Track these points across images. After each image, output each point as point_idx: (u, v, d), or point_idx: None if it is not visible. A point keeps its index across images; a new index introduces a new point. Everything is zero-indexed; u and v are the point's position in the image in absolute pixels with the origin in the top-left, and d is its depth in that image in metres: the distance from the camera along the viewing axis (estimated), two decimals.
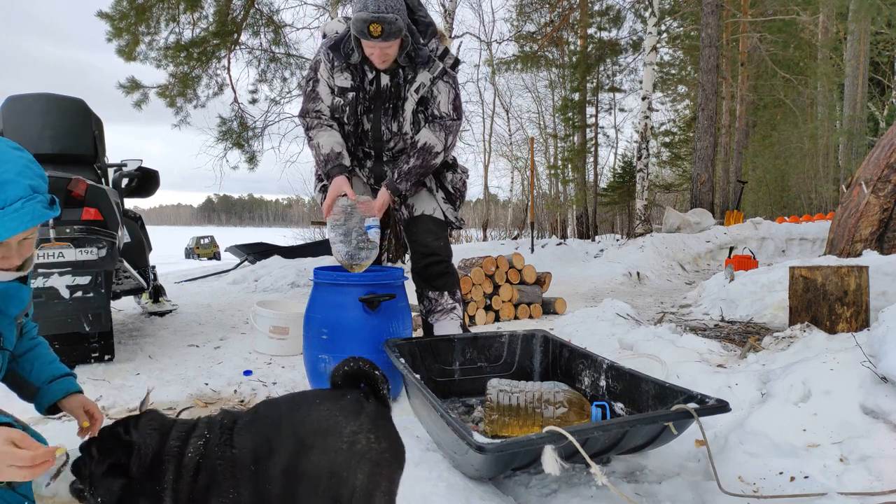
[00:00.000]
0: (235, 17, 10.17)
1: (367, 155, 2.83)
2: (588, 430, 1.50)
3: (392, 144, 2.76)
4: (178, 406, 2.57)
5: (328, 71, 2.66)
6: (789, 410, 1.94)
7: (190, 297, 6.17)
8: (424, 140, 2.66)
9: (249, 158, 11.23)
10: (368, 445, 1.20)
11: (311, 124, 2.69)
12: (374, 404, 1.27)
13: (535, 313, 4.91)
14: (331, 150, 2.62)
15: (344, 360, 1.32)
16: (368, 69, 2.61)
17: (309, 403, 1.28)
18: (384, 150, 2.78)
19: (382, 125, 2.70)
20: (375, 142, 2.76)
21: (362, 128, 2.74)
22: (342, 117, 2.70)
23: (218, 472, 1.22)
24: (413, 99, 2.66)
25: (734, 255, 6.91)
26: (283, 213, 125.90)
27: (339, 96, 2.67)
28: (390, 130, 2.71)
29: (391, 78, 2.63)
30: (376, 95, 2.67)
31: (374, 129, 2.72)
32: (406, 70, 2.62)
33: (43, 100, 3.65)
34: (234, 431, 1.26)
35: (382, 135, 2.73)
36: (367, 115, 2.71)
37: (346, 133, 2.75)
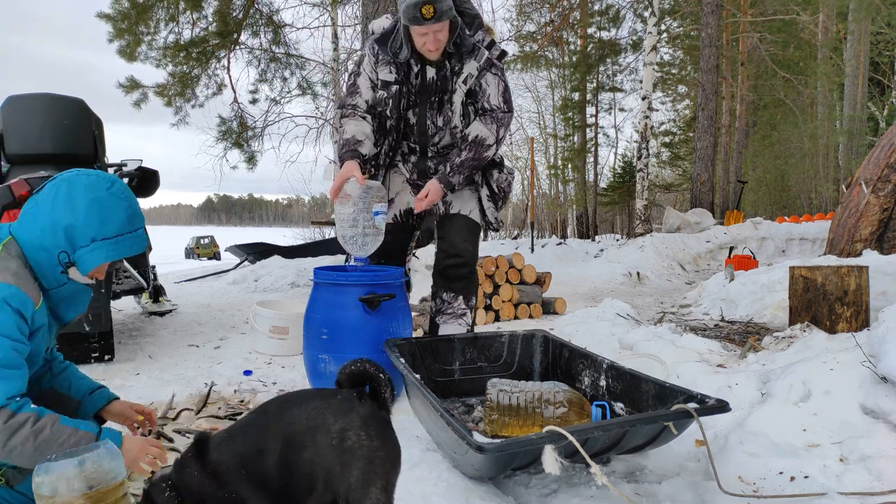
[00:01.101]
0: (235, 17, 10.17)
1: (411, 150, 2.81)
2: (588, 430, 1.50)
3: (437, 139, 2.74)
4: (178, 406, 2.57)
5: (371, 65, 2.65)
6: (789, 410, 1.94)
7: (190, 297, 6.17)
8: (476, 133, 2.63)
9: (248, 158, 11.23)
10: (359, 443, 1.20)
11: (345, 114, 2.67)
12: (369, 405, 1.26)
13: (535, 313, 4.91)
14: (352, 136, 2.57)
15: (350, 361, 1.32)
16: (414, 63, 2.60)
17: (298, 403, 1.29)
18: (429, 145, 2.76)
19: (428, 119, 2.69)
20: (420, 136, 2.73)
21: (407, 122, 2.73)
22: (385, 110, 2.68)
23: (204, 489, 1.24)
24: (461, 90, 2.64)
25: (734, 255, 6.92)
26: (283, 213, 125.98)
27: (382, 89, 2.66)
28: (435, 125, 2.70)
29: (437, 71, 2.61)
30: (422, 89, 2.66)
31: (420, 124, 2.71)
32: (453, 61, 2.60)
33: (43, 100, 3.65)
34: (209, 450, 1.28)
35: (428, 129, 2.71)
36: (413, 110, 2.70)
37: (389, 127, 2.72)
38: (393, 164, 2.86)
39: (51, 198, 1.46)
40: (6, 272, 1.37)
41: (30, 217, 1.47)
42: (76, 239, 1.44)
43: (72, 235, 1.44)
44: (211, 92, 10.45)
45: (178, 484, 1.27)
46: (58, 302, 1.53)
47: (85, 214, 1.44)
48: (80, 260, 1.45)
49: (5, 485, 1.48)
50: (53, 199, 1.45)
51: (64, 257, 1.44)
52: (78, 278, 1.50)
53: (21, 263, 1.42)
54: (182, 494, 1.26)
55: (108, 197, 1.47)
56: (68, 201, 1.44)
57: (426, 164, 2.80)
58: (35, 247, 1.44)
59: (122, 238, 1.49)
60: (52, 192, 1.46)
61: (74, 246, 1.44)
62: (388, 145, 2.78)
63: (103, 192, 1.47)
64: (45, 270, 1.46)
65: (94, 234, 1.45)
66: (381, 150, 2.78)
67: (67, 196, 1.45)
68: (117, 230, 1.47)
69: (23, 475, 1.48)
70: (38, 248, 1.44)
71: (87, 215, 1.44)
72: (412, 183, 2.86)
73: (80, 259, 1.45)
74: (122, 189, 1.51)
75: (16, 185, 3.10)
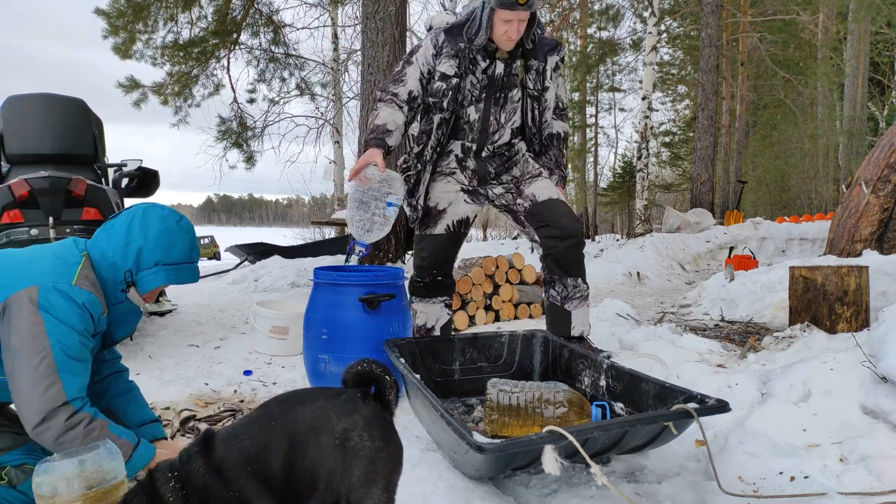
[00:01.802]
0: (235, 17, 10.16)
1: (466, 151, 2.69)
2: (588, 430, 1.50)
3: (496, 137, 2.66)
4: (178, 406, 2.57)
5: (430, 57, 2.58)
6: (789, 410, 1.94)
7: (190, 297, 6.17)
8: (564, 130, 2.74)
9: (247, 158, 11.23)
10: (362, 443, 1.20)
11: (383, 98, 2.61)
12: (372, 406, 1.27)
13: (535, 313, 4.90)
14: (383, 124, 2.50)
15: (357, 361, 1.32)
16: (481, 58, 2.54)
17: (303, 402, 1.29)
18: (487, 143, 2.67)
19: (492, 116, 2.62)
20: (480, 133, 2.65)
21: (464, 119, 2.64)
22: (442, 102, 2.59)
23: (209, 486, 1.24)
24: (534, 86, 2.63)
25: (734, 255, 6.91)
26: (283, 213, 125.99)
27: (440, 81, 2.57)
28: (498, 121, 2.64)
29: (504, 67, 2.57)
30: (489, 84, 2.59)
31: (483, 120, 2.63)
32: (525, 57, 2.58)
33: (43, 100, 3.65)
34: (214, 445, 1.28)
35: (489, 126, 2.64)
36: (476, 105, 2.61)
37: (439, 122, 2.63)
38: (442, 172, 2.75)
39: (127, 221, 1.60)
40: (87, 281, 1.51)
41: (104, 236, 1.60)
42: (142, 261, 1.58)
43: (139, 257, 1.58)
44: (208, 92, 10.45)
45: (182, 477, 1.27)
46: (112, 319, 1.64)
47: (155, 240, 1.59)
48: (141, 280, 1.59)
49: (7, 484, 1.49)
50: (129, 223, 1.59)
51: (128, 276, 1.58)
52: (134, 298, 1.62)
53: (94, 278, 1.56)
54: (186, 488, 1.26)
55: (177, 228, 1.63)
56: (142, 227, 1.59)
57: (486, 168, 2.70)
58: (105, 264, 1.57)
59: (182, 267, 1.63)
60: (128, 217, 1.61)
61: (140, 267, 1.58)
62: (437, 141, 2.67)
63: (173, 224, 1.63)
64: (108, 287, 1.58)
65: (158, 259, 1.59)
66: (427, 146, 2.67)
67: (142, 222, 1.59)
68: (179, 258, 1.62)
69: (25, 474, 1.48)
70: (108, 265, 1.57)
71: (156, 241, 1.59)
72: (469, 190, 2.75)
73: (141, 280, 1.59)
74: (189, 225, 1.68)
75: (16, 185, 3.11)
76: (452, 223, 2.78)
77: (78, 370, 1.45)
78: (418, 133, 2.73)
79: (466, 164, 2.71)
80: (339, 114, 14.06)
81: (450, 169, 2.73)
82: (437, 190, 2.75)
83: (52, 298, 1.42)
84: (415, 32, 14.90)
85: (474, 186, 2.73)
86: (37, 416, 1.39)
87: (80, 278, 1.49)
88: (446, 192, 2.75)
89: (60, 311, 1.42)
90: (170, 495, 1.25)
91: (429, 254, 2.78)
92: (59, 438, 1.40)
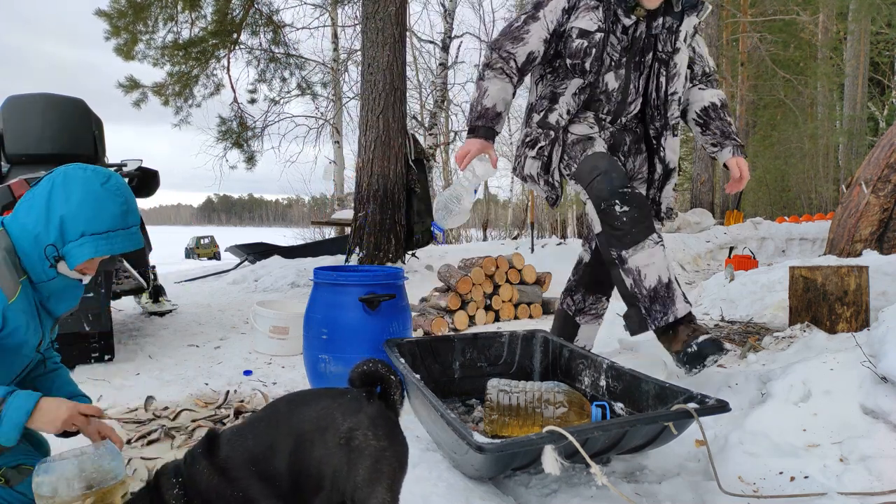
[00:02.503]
0: (234, 17, 10.17)
1: (600, 123, 2.35)
2: (588, 430, 1.50)
3: (633, 108, 2.33)
4: (179, 406, 2.57)
5: (561, 12, 2.22)
6: (789, 410, 1.94)
7: (190, 297, 6.17)
8: (718, 98, 2.39)
9: (248, 158, 11.24)
10: (366, 442, 1.20)
11: (493, 63, 2.24)
12: (377, 405, 1.27)
13: (535, 313, 4.90)
14: (492, 105, 2.21)
15: (363, 360, 1.32)
16: (623, 14, 2.17)
17: (307, 402, 1.29)
18: (623, 113, 2.33)
19: (631, 84, 2.27)
20: (618, 105, 2.30)
21: (603, 88, 2.28)
22: (583, 63, 2.23)
23: (213, 487, 1.24)
24: (685, 50, 2.31)
25: (734, 255, 6.91)
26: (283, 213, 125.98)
27: (580, 38, 2.20)
28: (637, 90, 2.29)
29: (646, 27, 2.21)
30: (630, 47, 2.23)
31: (623, 89, 2.27)
32: (666, 17, 2.22)
33: (43, 100, 3.65)
34: (219, 446, 1.28)
35: (629, 95, 2.29)
36: (617, 72, 2.25)
37: (578, 89, 2.28)
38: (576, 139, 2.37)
39: (46, 190, 1.44)
40: None
41: (24, 209, 1.45)
42: (66, 233, 1.42)
43: (63, 229, 1.41)
44: (208, 92, 10.46)
45: (186, 481, 1.27)
46: (48, 295, 1.51)
47: (77, 207, 1.41)
48: (68, 254, 1.43)
49: (5, 484, 1.48)
50: (49, 192, 1.43)
51: (51, 251, 1.42)
52: (67, 272, 1.47)
53: (3, 256, 1.40)
54: (189, 493, 1.26)
55: (103, 191, 1.44)
56: (63, 194, 1.42)
57: (622, 139, 2.37)
58: (26, 239, 1.42)
59: (114, 234, 1.45)
60: (47, 185, 1.44)
61: (64, 240, 1.42)
62: (567, 110, 2.31)
63: (98, 187, 1.44)
64: (34, 263, 1.44)
65: (84, 229, 1.42)
66: (556, 114, 2.31)
67: (62, 189, 1.43)
68: (109, 226, 1.44)
69: (22, 475, 1.48)
70: (30, 240, 1.42)
71: (79, 208, 1.41)
72: None
73: (68, 253, 1.43)
74: (119, 185, 1.49)
75: (16, 185, 3.10)
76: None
77: None
78: (537, 98, 2.39)
79: (601, 134, 2.37)
80: (339, 114, 14.07)
81: (583, 136, 2.38)
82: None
83: None
84: (414, 32, 14.91)
85: None
86: None
87: None
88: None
89: None
90: (173, 502, 1.25)
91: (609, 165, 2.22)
92: None
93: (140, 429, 2.30)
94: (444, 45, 13.48)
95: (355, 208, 6.40)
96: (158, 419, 2.42)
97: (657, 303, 2.16)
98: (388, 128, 6.17)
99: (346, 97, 13.84)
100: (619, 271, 2.18)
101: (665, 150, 2.41)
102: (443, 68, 13.55)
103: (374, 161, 6.16)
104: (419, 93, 18.30)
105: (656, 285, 2.16)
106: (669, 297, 2.15)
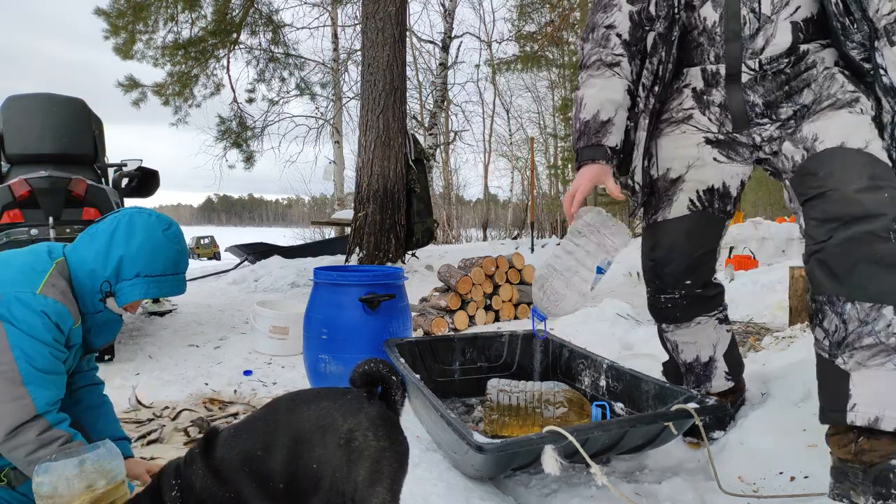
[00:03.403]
0: (234, 17, 10.17)
1: (710, 80, 1.65)
2: (588, 429, 1.50)
3: (761, 43, 1.55)
4: (178, 406, 2.57)
5: None
6: (789, 410, 1.94)
7: (190, 297, 6.16)
8: None
9: (247, 158, 11.25)
10: (366, 443, 1.20)
11: (587, 60, 1.71)
12: (378, 406, 1.27)
13: None
14: (595, 115, 1.65)
15: (364, 360, 1.32)
16: None
17: (307, 402, 1.29)
18: (744, 57, 1.57)
19: (743, 6, 1.54)
20: (729, 43, 1.58)
21: (698, 25, 1.62)
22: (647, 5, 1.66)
23: (206, 488, 1.24)
24: None
25: (734, 255, 6.92)
26: (283, 213, 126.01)
27: None
28: (757, 15, 1.54)
29: None
30: None
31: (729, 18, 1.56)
32: None
33: (43, 100, 3.65)
34: (215, 446, 1.28)
35: (743, 26, 1.55)
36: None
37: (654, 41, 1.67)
38: (670, 120, 1.75)
39: (110, 228, 1.52)
40: (55, 290, 1.43)
41: (86, 241, 1.54)
42: (123, 271, 1.50)
43: (120, 267, 1.50)
44: (209, 92, 10.47)
45: (183, 483, 1.27)
46: (91, 327, 1.58)
47: (137, 249, 1.50)
48: (120, 291, 1.51)
49: (7, 486, 1.49)
50: (112, 231, 1.52)
51: (106, 286, 1.50)
52: (114, 308, 1.55)
53: (68, 285, 1.48)
54: (185, 494, 1.26)
55: (163, 238, 1.54)
56: (126, 235, 1.51)
57: (744, 99, 1.61)
58: (83, 271, 1.50)
59: (165, 279, 1.54)
60: (112, 224, 1.53)
61: (119, 277, 1.50)
62: (654, 75, 1.68)
63: (159, 233, 1.54)
64: (85, 295, 1.51)
65: (139, 270, 1.51)
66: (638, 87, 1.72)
67: (126, 230, 1.51)
68: (162, 270, 1.53)
69: (24, 476, 1.48)
70: (87, 272, 1.50)
71: (139, 251, 1.50)
72: (720, 140, 1.71)
73: (120, 290, 1.51)
74: (177, 233, 1.58)
75: (16, 185, 3.11)
76: (699, 195, 1.75)
77: (48, 383, 1.38)
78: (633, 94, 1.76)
79: (711, 97, 1.67)
80: (338, 114, 14.07)
81: (683, 112, 1.73)
82: (664, 150, 1.77)
83: (14, 308, 1.36)
84: (414, 32, 14.92)
85: (727, 133, 1.70)
86: (3, 431, 1.33)
87: (46, 286, 1.41)
88: (681, 148, 1.75)
89: (23, 322, 1.35)
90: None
91: (666, 252, 1.76)
92: (30, 455, 1.34)
93: (140, 429, 2.30)
94: (444, 45, 13.48)
95: (355, 208, 6.40)
96: (158, 419, 2.42)
97: (691, 374, 1.96)
98: (388, 128, 6.17)
99: (346, 97, 13.85)
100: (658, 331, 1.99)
101: (890, 69, 1.48)
102: (443, 68, 13.55)
103: (374, 161, 6.16)
104: (419, 93, 18.32)
105: (692, 362, 1.92)
106: (706, 374, 1.93)
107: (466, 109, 27.20)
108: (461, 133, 19.49)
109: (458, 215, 25.31)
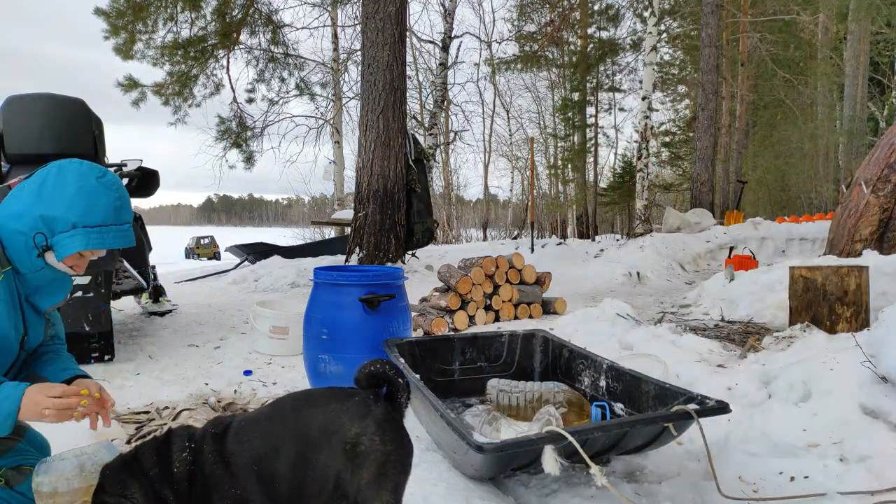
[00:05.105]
0: (234, 17, 10.17)
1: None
2: (588, 430, 1.50)
3: None
4: (178, 406, 2.57)
5: None
6: (789, 410, 1.94)
7: (190, 297, 6.17)
8: None
9: (247, 158, 11.25)
10: (373, 447, 1.20)
11: None
12: (384, 408, 1.26)
13: (535, 313, 4.90)
14: None
15: (369, 361, 1.31)
16: None
17: (315, 404, 1.28)
18: None
19: None
20: None
21: None
22: None
23: (215, 476, 1.23)
24: None
25: (734, 255, 6.92)
26: (283, 213, 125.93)
27: None
28: None
29: None
30: None
31: None
32: None
33: (43, 100, 3.65)
34: (227, 436, 1.27)
35: None
36: None
37: None
38: None
39: (39, 181, 1.42)
40: None
41: (14, 198, 1.43)
42: (57, 223, 1.39)
43: (53, 219, 1.39)
44: (208, 91, 10.47)
45: (196, 451, 1.26)
46: (35, 288, 1.48)
47: (70, 199, 1.39)
48: (58, 244, 1.40)
49: (5, 485, 1.48)
50: (41, 183, 1.41)
51: (40, 239, 1.39)
52: (54, 264, 1.44)
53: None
54: (194, 465, 1.25)
55: (98, 185, 1.42)
56: (56, 185, 1.40)
57: None
58: (12, 228, 1.40)
59: (107, 229, 1.43)
60: (41, 175, 1.42)
61: (54, 230, 1.39)
62: None
63: (93, 180, 1.42)
64: (20, 252, 1.41)
65: (76, 221, 1.39)
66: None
67: (56, 180, 1.41)
68: (101, 220, 1.42)
69: (22, 475, 1.47)
70: (15, 229, 1.39)
71: (72, 200, 1.39)
72: None
73: (57, 243, 1.40)
74: (114, 181, 1.46)
75: (16, 184, 3.10)
76: None
77: None
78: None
79: None
80: (338, 114, 14.06)
81: None
82: None
83: None
84: (414, 32, 14.92)
85: None
86: None
87: None
88: None
89: None
90: (178, 464, 1.24)
91: None
92: None
93: (140, 429, 2.30)
94: (444, 45, 13.48)
95: (355, 208, 6.40)
96: (158, 419, 2.42)
97: None
98: (388, 128, 6.17)
99: (346, 97, 13.84)
100: None
101: None
102: (443, 68, 13.55)
103: (374, 161, 6.16)
104: (419, 93, 18.31)
105: None
106: None
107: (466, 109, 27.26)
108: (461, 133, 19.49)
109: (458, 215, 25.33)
